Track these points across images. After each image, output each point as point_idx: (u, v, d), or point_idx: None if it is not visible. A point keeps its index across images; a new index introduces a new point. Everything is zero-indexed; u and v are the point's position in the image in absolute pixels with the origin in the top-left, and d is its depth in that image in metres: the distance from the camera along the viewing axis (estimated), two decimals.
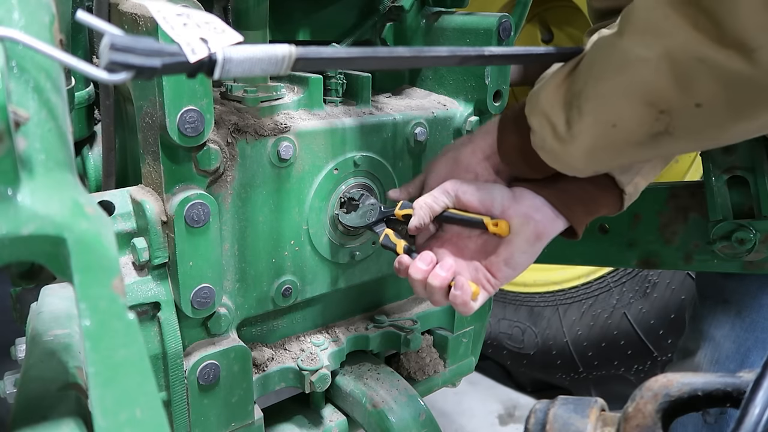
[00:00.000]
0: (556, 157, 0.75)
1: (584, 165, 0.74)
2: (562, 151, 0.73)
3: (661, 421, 0.42)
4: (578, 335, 2.06)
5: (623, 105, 0.66)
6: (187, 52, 0.48)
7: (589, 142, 0.70)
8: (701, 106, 0.61)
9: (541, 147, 0.76)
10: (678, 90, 0.61)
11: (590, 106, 0.68)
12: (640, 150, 0.69)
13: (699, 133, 0.65)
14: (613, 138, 0.68)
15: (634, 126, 0.66)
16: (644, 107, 0.64)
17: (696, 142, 0.68)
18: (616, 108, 0.66)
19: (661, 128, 0.65)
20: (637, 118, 0.65)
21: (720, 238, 1.10)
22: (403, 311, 1.15)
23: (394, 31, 1.19)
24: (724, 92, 0.60)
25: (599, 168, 0.76)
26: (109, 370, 0.34)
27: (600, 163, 0.74)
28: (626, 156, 0.72)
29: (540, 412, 0.47)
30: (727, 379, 0.42)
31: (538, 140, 0.76)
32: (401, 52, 0.71)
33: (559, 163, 0.75)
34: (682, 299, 1.82)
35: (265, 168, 0.87)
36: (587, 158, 0.72)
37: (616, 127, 0.67)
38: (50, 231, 0.34)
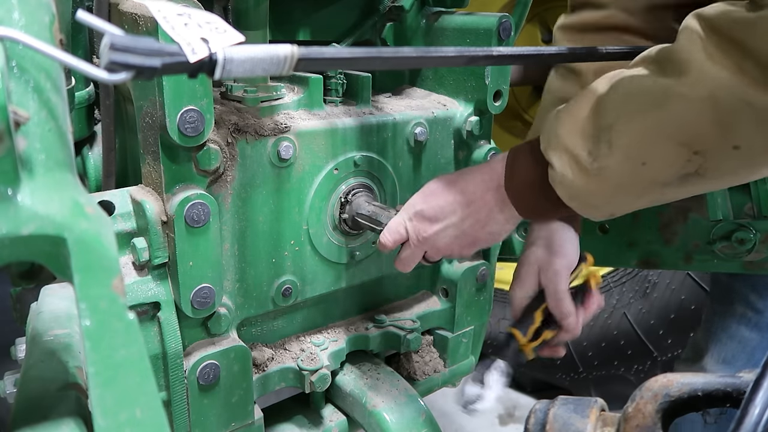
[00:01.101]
0: (576, 193, 0.72)
1: (603, 203, 0.72)
2: (583, 187, 0.70)
3: (661, 421, 0.42)
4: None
5: (657, 143, 0.64)
6: (187, 52, 0.48)
7: (615, 179, 0.68)
8: (739, 149, 0.60)
9: (560, 182, 0.73)
10: (718, 132, 0.60)
11: (622, 141, 0.66)
12: (664, 191, 0.67)
13: (729, 175, 0.64)
14: (640, 177, 0.66)
15: (664, 166, 0.64)
16: (678, 147, 0.62)
17: (722, 183, 0.68)
18: (650, 146, 0.64)
19: (692, 169, 0.63)
20: (670, 158, 0.63)
21: (720, 238, 1.10)
22: (403, 311, 1.15)
23: (394, 31, 1.19)
24: (764, 134, 0.59)
25: (616, 210, 0.74)
26: (109, 370, 0.34)
27: (619, 204, 0.72)
28: (648, 197, 0.70)
29: (540, 412, 0.47)
30: (727, 379, 0.42)
31: (557, 176, 0.73)
32: (406, 53, 0.70)
33: (577, 200, 0.73)
34: (682, 299, 1.82)
35: (265, 168, 0.87)
36: (609, 196, 0.70)
37: (645, 166, 0.65)
38: (50, 231, 0.34)
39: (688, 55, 0.61)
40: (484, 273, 1.18)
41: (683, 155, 0.63)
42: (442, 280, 1.18)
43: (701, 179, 0.64)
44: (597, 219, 0.76)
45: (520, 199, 0.80)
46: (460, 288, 1.15)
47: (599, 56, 0.91)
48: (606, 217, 0.75)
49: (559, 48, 0.82)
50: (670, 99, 0.62)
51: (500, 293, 2.26)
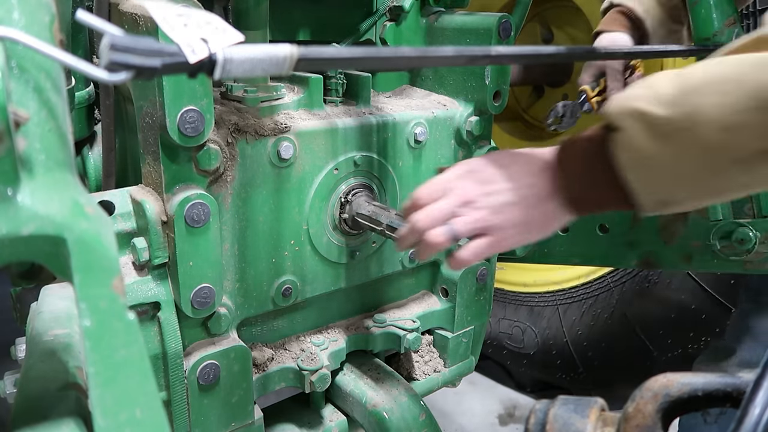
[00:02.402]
0: (641, 160, 0.65)
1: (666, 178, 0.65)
2: (652, 152, 0.64)
3: (661, 421, 0.42)
4: (578, 335, 2.05)
5: (743, 106, 0.58)
6: (187, 53, 0.48)
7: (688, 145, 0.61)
8: None
9: (627, 146, 0.66)
10: None
11: (707, 101, 0.60)
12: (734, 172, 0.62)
13: None
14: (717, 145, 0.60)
15: (747, 135, 0.59)
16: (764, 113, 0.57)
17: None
18: (733, 108, 0.59)
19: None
20: (752, 124, 0.58)
21: (720, 238, 1.10)
22: (403, 311, 1.15)
23: (394, 31, 1.19)
24: None
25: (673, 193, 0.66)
26: (109, 370, 0.34)
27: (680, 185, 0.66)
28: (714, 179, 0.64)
29: (540, 412, 0.47)
30: (727, 379, 0.42)
31: (624, 138, 0.66)
32: (406, 52, 0.70)
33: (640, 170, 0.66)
34: (682, 299, 1.82)
35: (265, 168, 0.87)
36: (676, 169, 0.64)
37: (726, 132, 0.59)
38: (50, 231, 0.34)
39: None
40: (484, 273, 1.18)
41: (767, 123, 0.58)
42: (442, 280, 1.18)
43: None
44: (647, 205, 0.68)
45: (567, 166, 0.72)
46: (460, 288, 1.15)
47: (599, 56, 0.91)
48: (656, 206, 0.68)
49: (558, 48, 0.82)
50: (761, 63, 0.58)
51: (500, 293, 2.26)
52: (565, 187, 0.73)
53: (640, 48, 0.98)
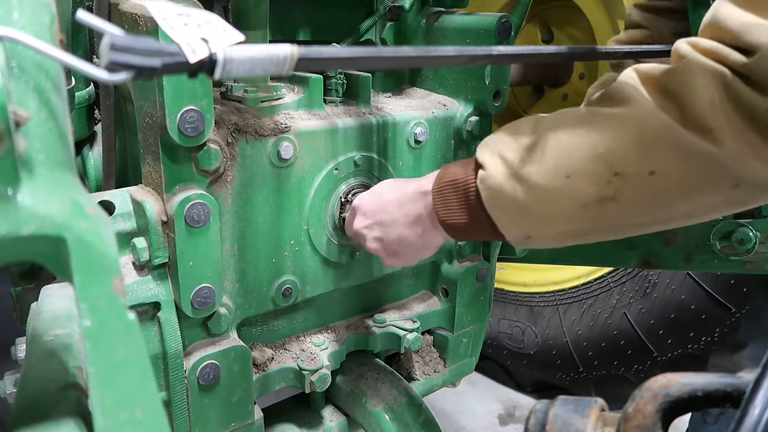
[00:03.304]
0: (498, 198, 0.72)
1: (521, 216, 0.72)
2: (507, 192, 0.71)
3: (661, 421, 0.42)
4: (578, 335, 2.05)
5: (584, 157, 0.66)
6: (187, 53, 0.48)
7: (538, 189, 0.69)
8: (654, 174, 0.64)
9: (487, 184, 0.73)
10: (637, 152, 0.64)
11: (553, 150, 0.68)
12: (582, 216, 0.68)
13: (643, 206, 0.67)
14: (563, 191, 0.68)
15: (586, 182, 0.67)
16: (602, 165, 0.65)
17: (637, 216, 0.69)
18: (576, 159, 0.67)
19: (610, 192, 0.66)
20: (593, 174, 0.66)
21: (720, 238, 1.10)
22: (403, 311, 1.15)
23: (394, 31, 1.19)
24: (680, 163, 0.62)
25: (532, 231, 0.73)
26: (109, 370, 0.34)
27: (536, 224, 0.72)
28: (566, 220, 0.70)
29: (540, 412, 0.47)
30: (727, 379, 0.41)
31: (485, 176, 0.73)
32: (406, 52, 0.70)
33: (498, 207, 0.73)
34: (682, 299, 1.82)
35: (266, 168, 0.87)
36: (528, 208, 0.70)
37: (569, 179, 0.67)
38: (50, 231, 0.34)
39: (621, 87, 0.66)
40: (484, 273, 1.18)
41: (605, 174, 0.66)
42: (442, 280, 1.18)
43: (616, 205, 0.67)
44: (512, 238, 0.75)
45: (442, 198, 0.80)
46: (460, 288, 1.15)
47: (599, 55, 0.91)
48: (521, 241, 0.75)
49: (558, 48, 0.82)
50: (604, 119, 0.67)
51: (500, 293, 2.26)
52: (441, 215, 0.80)
53: (641, 48, 0.98)
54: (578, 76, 2.37)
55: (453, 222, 0.79)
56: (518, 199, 0.70)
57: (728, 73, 0.60)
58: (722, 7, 0.62)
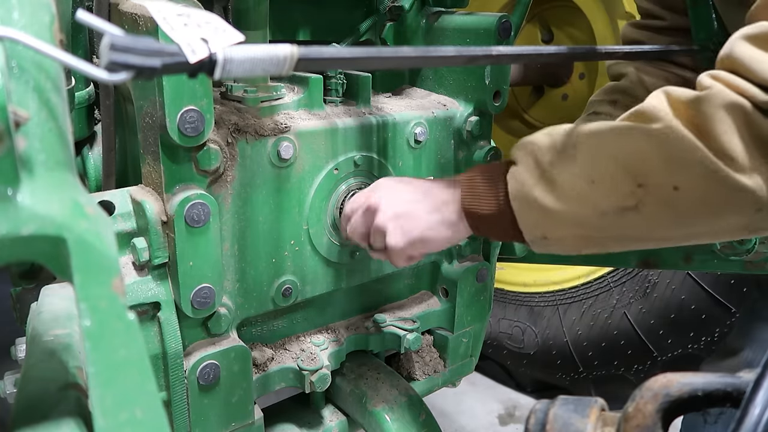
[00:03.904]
0: (523, 192, 0.74)
1: (542, 215, 0.73)
2: (532, 188, 0.73)
3: (661, 421, 0.42)
4: (578, 335, 2.05)
5: (610, 166, 0.68)
6: (187, 53, 0.48)
7: (562, 190, 0.71)
8: (678, 190, 0.65)
9: (515, 177, 0.75)
10: (664, 167, 0.65)
11: (582, 157, 0.70)
12: (601, 223, 0.70)
13: (663, 220, 0.68)
14: (585, 196, 0.69)
15: (609, 190, 0.68)
16: (626, 175, 0.67)
17: (654, 229, 0.70)
18: (603, 167, 0.69)
19: (632, 203, 0.67)
20: (616, 183, 0.68)
21: None
22: (403, 311, 1.15)
23: (394, 31, 1.19)
24: (706, 183, 0.64)
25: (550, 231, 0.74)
26: (109, 370, 0.34)
27: (555, 225, 0.73)
28: (583, 225, 0.71)
29: (540, 412, 0.47)
30: (727, 379, 0.41)
31: (515, 171, 0.75)
32: (406, 52, 0.71)
33: (521, 201, 0.74)
34: (682, 299, 1.82)
35: (266, 168, 0.87)
36: (550, 208, 0.72)
37: (593, 185, 0.69)
38: (50, 231, 0.34)
39: (657, 111, 0.67)
40: (484, 273, 1.18)
41: (628, 184, 0.67)
42: (442, 280, 1.18)
43: (638, 217, 0.68)
44: (530, 238, 0.76)
45: (471, 187, 0.81)
46: (460, 288, 1.15)
47: (599, 55, 0.91)
48: (538, 241, 0.75)
49: (558, 48, 0.82)
50: (633, 131, 0.68)
51: (500, 293, 2.26)
52: (466, 201, 0.81)
53: (641, 48, 0.98)
54: (578, 76, 2.37)
55: (477, 211, 0.80)
56: (542, 198, 0.72)
57: (749, 105, 0.62)
58: (739, 46, 0.65)
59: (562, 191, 0.71)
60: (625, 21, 2.00)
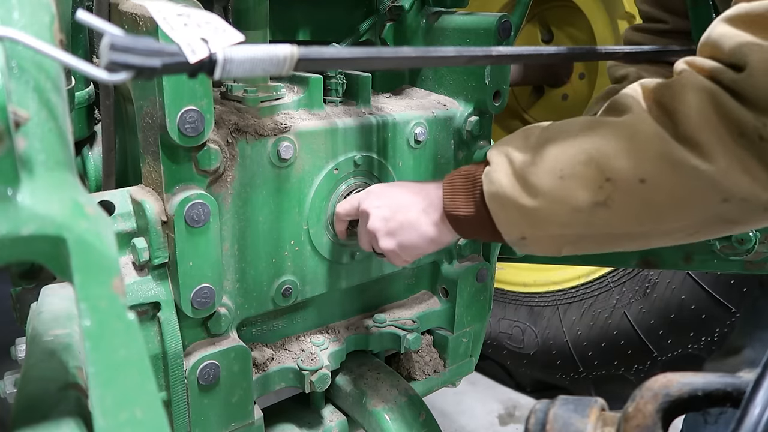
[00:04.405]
0: (498, 193, 0.74)
1: (518, 215, 0.73)
2: (507, 188, 0.73)
3: (661, 421, 0.42)
4: (578, 335, 2.05)
5: (578, 159, 0.68)
6: (187, 53, 0.48)
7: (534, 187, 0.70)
8: (644, 183, 0.65)
9: (490, 178, 0.75)
10: (628, 159, 0.65)
11: (552, 152, 0.70)
12: (574, 219, 0.70)
13: (633, 215, 0.68)
14: (557, 192, 0.69)
15: (579, 185, 0.68)
16: (595, 170, 0.67)
17: (628, 226, 0.69)
18: (572, 160, 0.68)
19: (602, 198, 0.67)
20: (584, 178, 0.67)
21: (720, 239, 1.10)
22: (403, 311, 1.15)
23: (394, 31, 1.19)
24: (670, 174, 0.63)
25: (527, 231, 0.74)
26: (109, 370, 0.34)
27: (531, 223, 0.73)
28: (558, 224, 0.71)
29: (540, 412, 0.47)
30: (727, 379, 0.41)
31: (490, 171, 0.75)
32: (406, 52, 0.71)
33: (497, 202, 0.74)
34: (682, 299, 1.82)
35: (266, 168, 0.87)
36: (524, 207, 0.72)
37: (562, 180, 0.69)
38: (50, 231, 0.34)
39: (626, 102, 0.68)
40: (484, 273, 1.18)
41: (597, 179, 0.67)
42: (442, 280, 1.18)
43: (608, 212, 0.67)
44: (509, 238, 0.76)
45: (451, 190, 0.81)
46: (460, 288, 1.15)
47: (599, 55, 0.91)
48: (517, 242, 0.75)
49: (558, 48, 0.82)
50: (601, 125, 0.68)
51: (500, 293, 2.26)
52: (447, 205, 0.82)
53: (641, 48, 0.98)
54: (578, 76, 2.37)
55: (456, 213, 0.80)
56: (516, 197, 0.72)
57: (719, 89, 0.61)
58: (718, 26, 0.64)
59: (535, 189, 0.70)
60: (625, 21, 2.01)
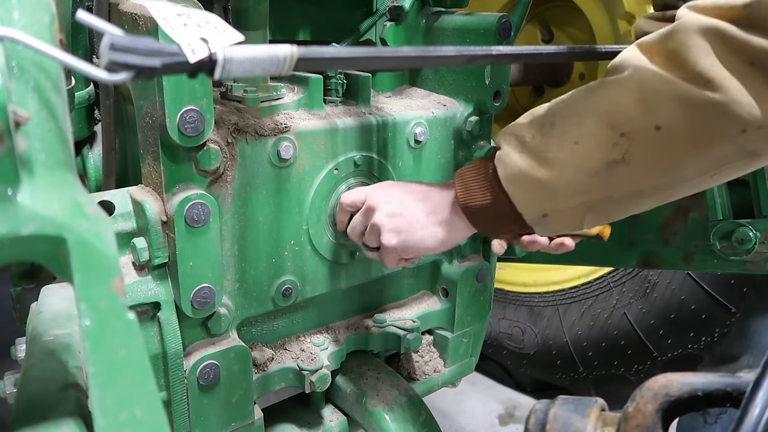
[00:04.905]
0: (515, 174, 0.73)
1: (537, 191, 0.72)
2: (523, 167, 0.72)
3: (661, 421, 0.42)
4: (578, 335, 2.05)
5: (589, 121, 0.68)
6: (187, 53, 0.48)
7: (550, 160, 0.70)
8: (660, 129, 0.64)
9: (504, 162, 0.74)
10: (640, 109, 0.65)
11: (562, 123, 0.70)
12: (593, 182, 0.69)
13: (653, 165, 0.67)
14: (572, 159, 0.69)
15: (594, 146, 0.67)
16: (607, 129, 0.67)
17: (649, 179, 0.69)
18: (583, 123, 0.68)
19: (619, 155, 0.67)
20: (598, 138, 0.67)
21: (720, 238, 1.10)
22: (403, 311, 1.15)
23: (394, 31, 1.19)
24: (684, 115, 0.63)
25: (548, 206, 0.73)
26: (109, 370, 0.34)
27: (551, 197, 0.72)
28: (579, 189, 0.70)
29: (540, 412, 0.47)
30: (727, 379, 0.42)
31: (502, 155, 0.75)
32: (406, 52, 0.70)
33: (515, 183, 0.73)
34: (682, 299, 1.82)
35: (266, 168, 0.87)
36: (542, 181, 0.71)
37: (578, 145, 0.68)
38: (50, 231, 0.34)
39: (627, 61, 0.67)
40: (484, 273, 1.18)
41: (611, 137, 0.67)
42: (442, 280, 1.18)
43: (627, 168, 0.67)
44: (531, 218, 0.75)
45: (463, 184, 0.80)
46: (460, 288, 1.15)
47: (599, 55, 0.91)
48: (539, 221, 0.74)
49: (558, 48, 0.82)
50: (605, 85, 0.68)
51: (500, 293, 2.26)
52: (461, 199, 0.81)
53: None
54: (578, 76, 2.37)
55: (474, 205, 0.79)
56: (532, 173, 0.71)
57: (725, 24, 0.60)
58: None
59: (550, 160, 0.70)
60: (625, 21, 2.00)
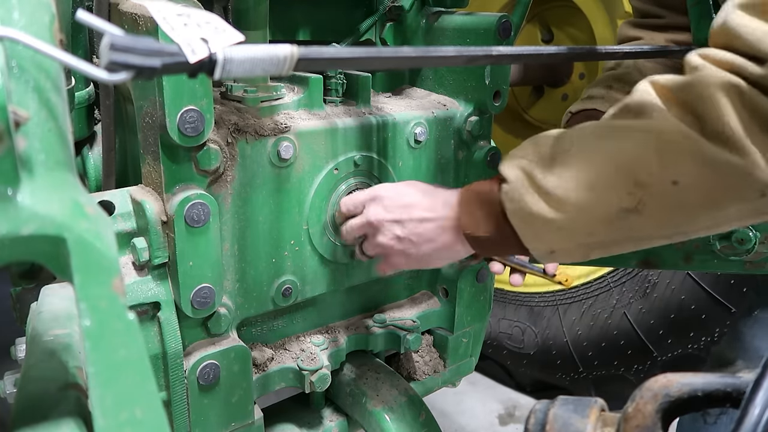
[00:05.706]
0: (520, 210, 0.71)
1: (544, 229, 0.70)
2: (529, 204, 0.70)
3: (661, 421, 0.42)
4: (578, 335, 2.05)
5: (604, 167, 0.66)
6: (187, 53, 0.48)
7: (560, 201, 0.68)
8: (677, 185, 0.63)
9: (510, 196, 0.72)
10: (658, 162, 0.63)
11: (574, 164, 0.68)
12: (603, 227, 0.68)
13: (667, 218, 0.66)
14: (584, 204, 0.67)
15: (607, 194, 0.66)
16: (622, 176, 0.65)
17: (660, 228, 0.68)
18: (597, 168, 0.66)
19: (632, 204, 0.65)
20: (613, 185, 0.65)
21: (720, 238, 1.10)
22: (403, 311, 1.15)
23: (394, 31, 1.19)
24: (703, 173, 0.62)
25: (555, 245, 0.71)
26: (109, 370, 0.34)
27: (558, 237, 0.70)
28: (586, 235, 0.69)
29: (540, 412, 0.47)
30: (727, 379, 0.42)
31: (508, 189, 0.72)
32: (406, 52, 0.70)
33: (520, 218, 0.72)
34: (682, 299, 1.82)
35: (266, 168, 0.87)
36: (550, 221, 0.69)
37: (590, 192, 0.66)
38: (50, 231, 0.34)
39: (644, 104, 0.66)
40: (484, 273, 1.18)
41: (626, 185, 0.65)
42: (442, 280, 1.18)
43: (640, 218, 0.66)
44: (537, 253, 0.74)
45: (468, 211, 0.78)
46: (460, 288, 1.15)
47: (599, 56, 0.91)
48: (546, 255, 0.73)
49: (558, 48, 0.82)
50: (622, 130, 0.67)
51: (500, 293, 2.26)
52: (466, 226, 0.79)
53: (641, 48, 0.98)
54: (578, 76, 2.37)
55: (478, 235, 0.77)
56: (541, 212, 0.69)
57: (744, 84, 0.60)
58: (734, 16, 0.62)
59: (560, 201, 0.68)
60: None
